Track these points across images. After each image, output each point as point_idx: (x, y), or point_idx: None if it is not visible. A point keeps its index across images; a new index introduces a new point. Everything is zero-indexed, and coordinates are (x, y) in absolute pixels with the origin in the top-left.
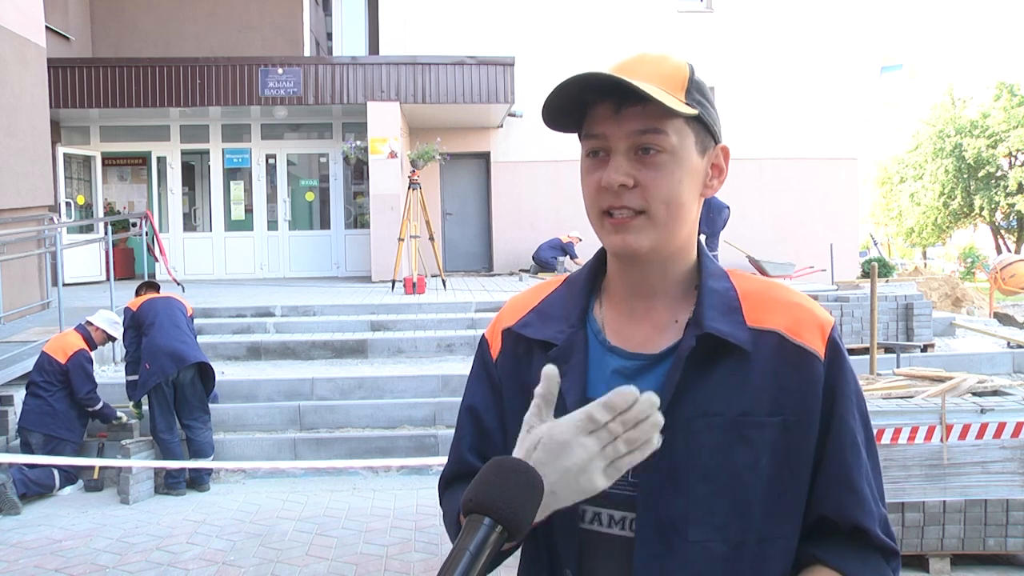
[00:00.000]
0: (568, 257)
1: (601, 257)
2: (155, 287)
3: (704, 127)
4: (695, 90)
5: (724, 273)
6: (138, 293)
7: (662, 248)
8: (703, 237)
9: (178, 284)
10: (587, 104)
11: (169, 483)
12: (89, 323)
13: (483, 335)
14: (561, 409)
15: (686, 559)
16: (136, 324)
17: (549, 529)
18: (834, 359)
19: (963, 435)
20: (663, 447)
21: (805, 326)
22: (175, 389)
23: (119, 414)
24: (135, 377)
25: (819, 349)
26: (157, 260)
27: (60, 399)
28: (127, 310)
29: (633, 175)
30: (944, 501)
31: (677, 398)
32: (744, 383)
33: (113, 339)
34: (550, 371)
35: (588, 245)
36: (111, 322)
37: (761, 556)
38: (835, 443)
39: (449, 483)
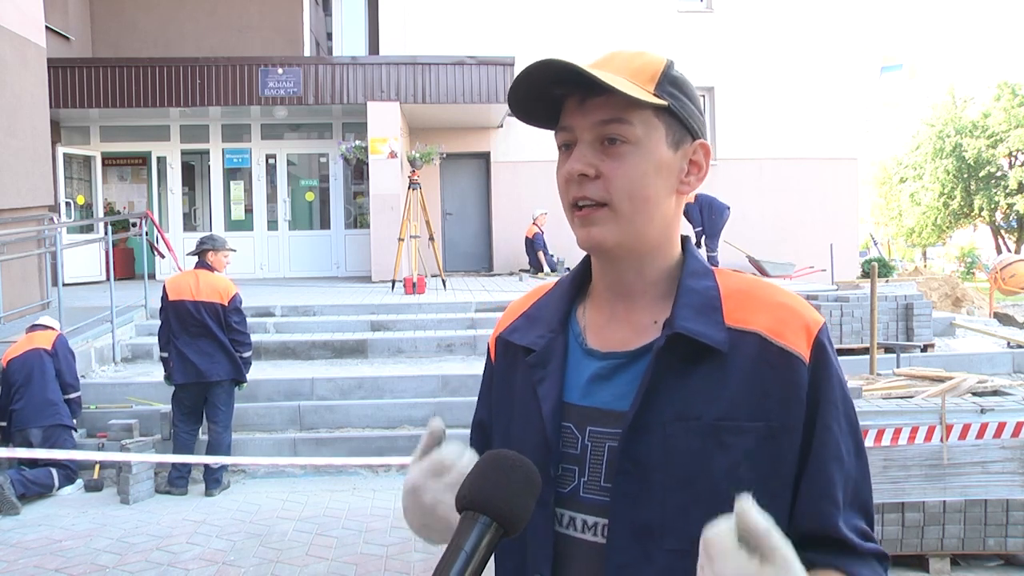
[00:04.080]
0: (542, 253)
1: (589, 259)
2: (206, 265)
3: (678, 121)
4: (668, 83)
5: (709, 271)
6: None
7: (631, 244)
8: (703, 237)
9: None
10: (560, 99)
11: (172, 477)
12: (43, 326)
13: (488, 340)
14: (537, 416)
15: (662, 568)
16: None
17: (521, 532)
18: (820, 362)
19: (963, 435)
20: (638, 451)
21: (789, 327)
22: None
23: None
24: (166, 355)
25: (803, 352)
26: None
27: (54, 390)
28: (164, 287)
29: (595, 165)
30: (944, 501)
31: (651, 399)
32: (722, 386)
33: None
34: (434, 425)
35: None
36: (55, 322)
37: None
38: (818, 454)
39: None
